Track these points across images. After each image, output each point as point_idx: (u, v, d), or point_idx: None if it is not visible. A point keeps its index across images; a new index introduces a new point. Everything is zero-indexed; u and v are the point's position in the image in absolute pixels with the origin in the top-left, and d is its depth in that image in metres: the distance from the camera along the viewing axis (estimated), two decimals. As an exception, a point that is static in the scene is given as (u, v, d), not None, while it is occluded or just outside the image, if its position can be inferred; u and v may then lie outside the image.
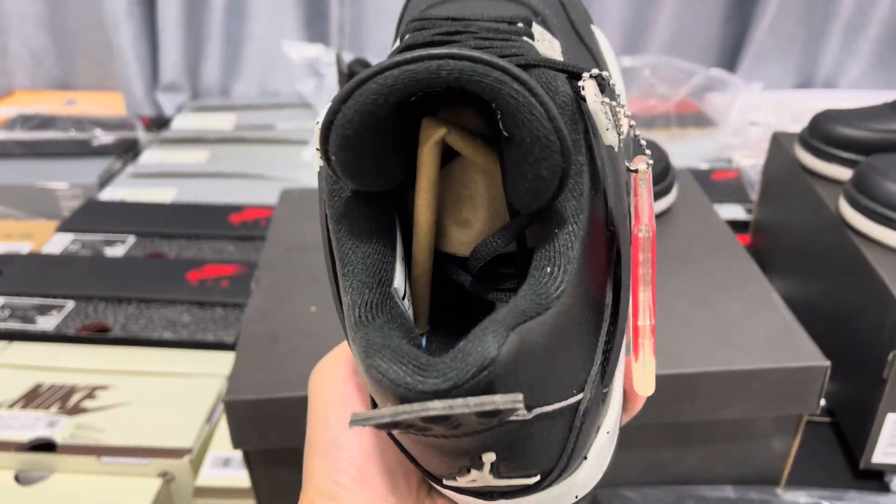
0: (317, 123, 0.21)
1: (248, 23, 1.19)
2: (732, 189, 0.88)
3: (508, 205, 0.25)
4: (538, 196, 0.21)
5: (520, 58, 0.24)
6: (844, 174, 0.61)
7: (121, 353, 0.63)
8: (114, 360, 0.62)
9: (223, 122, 1.12)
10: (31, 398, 0.58)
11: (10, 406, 0.57)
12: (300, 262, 0.55)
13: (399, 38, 0.28)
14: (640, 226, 0.24)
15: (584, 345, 0.21)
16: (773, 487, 0.50)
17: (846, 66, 1.15)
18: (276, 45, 1.14)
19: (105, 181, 0.94)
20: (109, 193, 0.91)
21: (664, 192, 0.57)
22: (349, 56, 1.05)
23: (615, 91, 0.26)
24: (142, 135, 1.06)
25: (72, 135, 1.05)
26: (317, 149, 0.21)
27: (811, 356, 0.45)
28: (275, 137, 1.06)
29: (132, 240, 0.79)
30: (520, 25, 0.26)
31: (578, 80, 0.23)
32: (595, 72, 0.23)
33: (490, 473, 0.21)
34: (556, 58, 0.25)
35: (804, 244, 0.64)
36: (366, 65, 0.53)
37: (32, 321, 0.66)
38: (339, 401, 0.27)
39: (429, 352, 0.24)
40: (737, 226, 0.82)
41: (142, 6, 1.15)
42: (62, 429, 0.55)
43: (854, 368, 0.53)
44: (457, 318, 0.26)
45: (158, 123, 1.14)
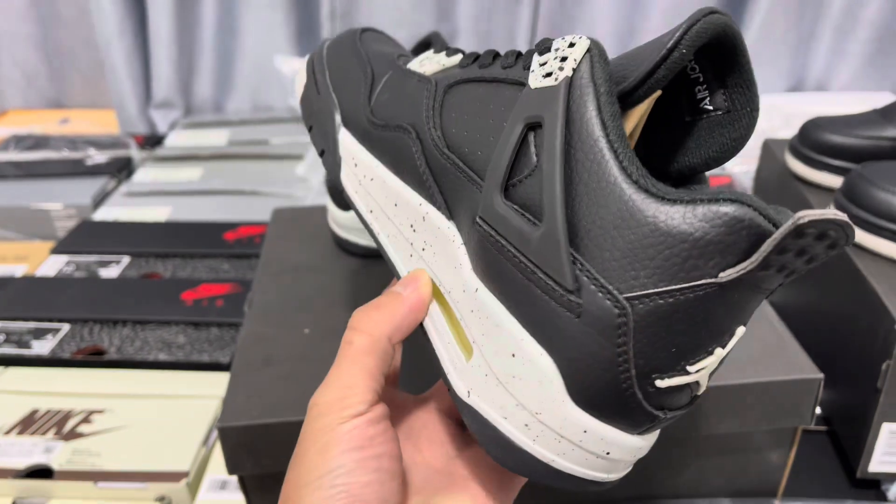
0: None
1: (240, 38, 1.19)
2: (726, 195, 0.88)
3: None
4: (731, 153, 0.29)
5: None
6: (835, 181, 0.61)
7: (116, 376, 0.63)
8: (110, 384, 0.62)
9: (216, 138, 1.12)
10: (28, 424, 0.58)
11: (7, 432, 0.57)
12: (293, 284, 0.55)
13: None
14: None
15: None
16: (771, 499, 0.50)
17: (837, 69, 1.15)
18: (268, 60, 1.14)
19: (99, 201, 0.95)
20: (104, 213, 0.91)
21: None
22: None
23: None
24: (135, 153, 1.07)
25: (65, 155, 1.05)
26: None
27: (804, 369, 0.45)
28: (269, 153, 1.06)
29: (126, 260, 0.79)
30: None
31: None
32: None
33: (720, 362, 0.26)
34: None
35: (797, 252, 0.64)
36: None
37: (28, 346, 0.66)
38: (344, 437, 0.27)
39: None
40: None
41: (133, 24, 1.15)
42: (59, 455, 0.55)
43: (849, 378, 0.53)
44: None
45: (152, 141, 1.14)
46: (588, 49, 0.27)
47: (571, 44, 0.27)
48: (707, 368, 0.26)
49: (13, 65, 1.24)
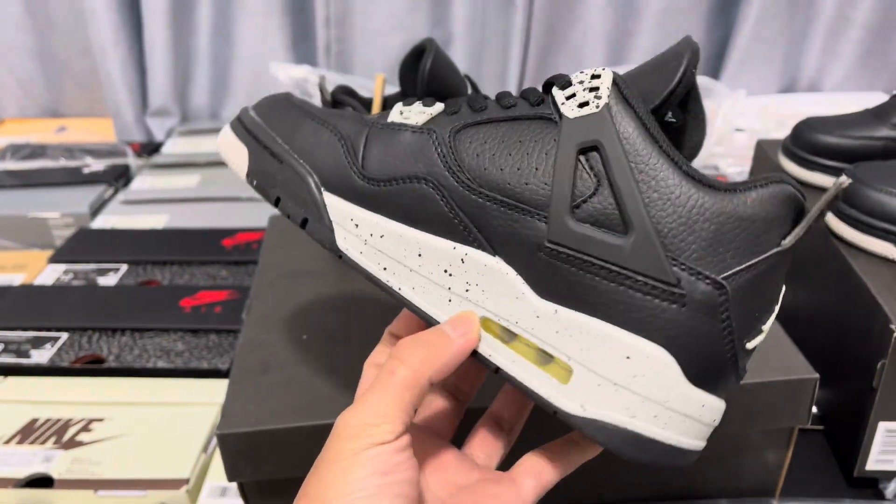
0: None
1: (235, 46, 1.20)
2: (721, 197, 0.88)
3: None
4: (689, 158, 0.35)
5: None
6: (827, 181, 0.62)
7: (116, 384, 0.63)
8: (109, 392, 0.63)
9: (213, 146, 1.12)
10: (27, 433, 0.58)
11: (7, 442, 0.58)
12: (290, 290, 0.56)
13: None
14: None
15: None
16: (769, 499, 0.51)
17: (829, 69, 1.16)
18: (264, 67, 1.15)
19: (97, 209, 0.95)
20: (101, 221, 0.91)
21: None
22: (333, 81, 1.05)
23: None
24: (132, 161, 1.07)
25: (62, 163, 1.05)
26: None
27: (800, 369, 0.45)
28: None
29: (124, 268, 0.80)
30: None
31: None
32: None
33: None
34: None
35: (791, 253, 0.65)
36: (349, 92, 0.53)
37: (27, 355, 0.66)
38: (369, 462, 0.28)
39: None
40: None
41: (128, 32, 1.16)
42: (58, 463, 0.55)
43: (844, 377, 0.53)
44: None
45: (149, 149, 1.15)
46: (614, 78, 0.31)
47: (594, 76, 0.31)
48: (770, 324, 0.32)
49: (9, 73, 1.24)
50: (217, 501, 0.54)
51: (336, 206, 0.34)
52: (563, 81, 0.32)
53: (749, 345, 0.31)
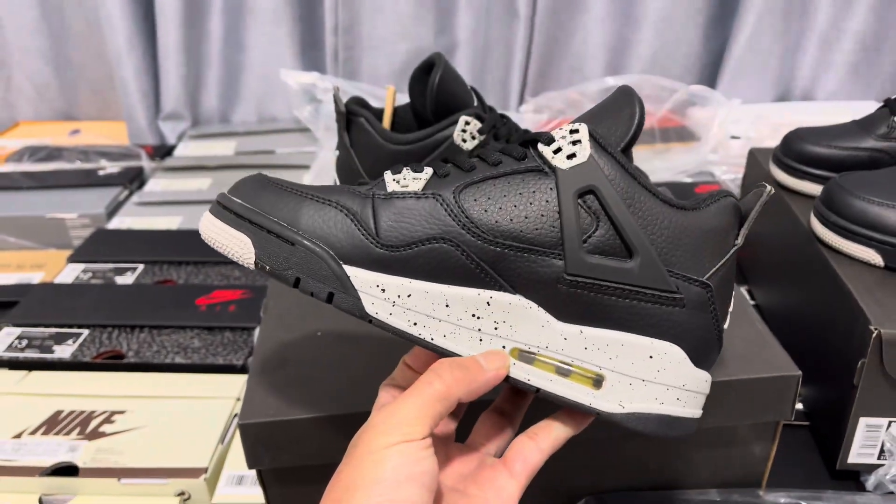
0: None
1: (246, 52, 1.23)
2: (715, 202, 0.91)
3: None
4: None
5: None
6: (815, 189, 0.64)
7: (135, 379, 0.66)
8: (129, 386, 0.65)
9: (224, 149, 1.15)
10: (52, 425, 0.61)
11: (32, 432, 0.60)
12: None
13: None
14: None
15: None
16: (755, 489, 0.53)
17: (822, 79, 1.19)
18: (273, 73, 1.18)
19: (112, 210, 0.98)
20: (117, 222, 0.94)
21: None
22: (343, 86, 1.08)
23: None
24: (146, 163, 1.10)
25: (78, 165, 1.08)
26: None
27: (784, 367, 0.48)
28: (275, 163, 1.09)
29: (141, 267, 0.83)
30: None
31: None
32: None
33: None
34: None
35: (780, 257, 0.67)
36: (362, 104, 0.56)
37: (50, 350, 0.69)
38: (400, 455, 0.32)
39: None
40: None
41: (142, 39, 1.19)
42: (83, 453, 0.58)
43: (827, 375, 0.56)
44: None
45: (161, 151, 1.17)
46: (589, 131, 0.37)
47: (573, 130, 0.37)
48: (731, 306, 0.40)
49: (25, 78, 1.27)
50: (234, 489, 0.56)
51: (359, 276, 0.35)
52: (547, 138, 0.37)
53: (724, 326, 0.39)
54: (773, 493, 0.53)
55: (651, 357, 0.36)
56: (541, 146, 0.37)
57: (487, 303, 0.36)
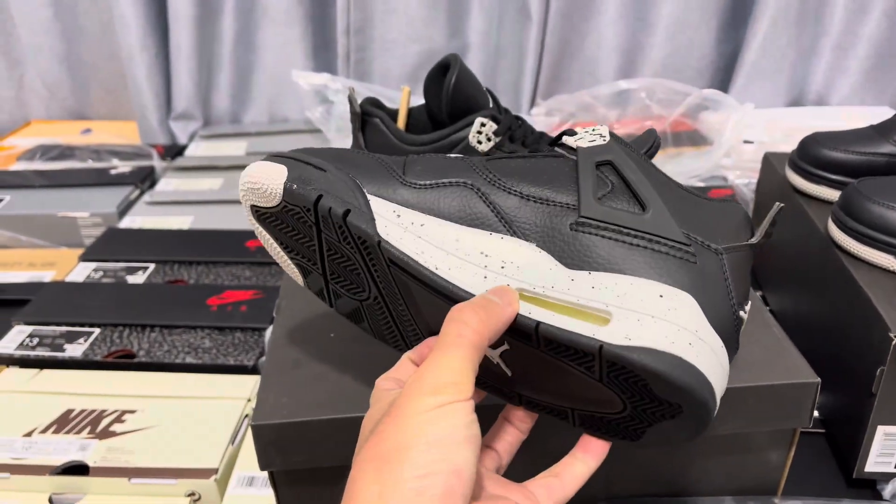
0: None
1: (258, 53, 1.23)
2: (729, 207, 0.90)
3: None
4: None
5: None
6: (832, 195, 0.64)
7: (147, 378, 0.66)
8: (140, 385, 0.65)
9: (235, 149, 1.15)
10: (63, 423, 0.61)
11: (43, 431, 0.60)
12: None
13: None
14: None
15: None
16: (771, 497, 0.53)
17: (836, 84, 1.18)
18: (285, 74, 1.18)
19: (124, 209, 0.98)
20: (128, 221, 0.94)
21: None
22: (357, 90, 1.08)
23: None
24: (157, 163, 1.10)
25: (90, 164, 1.09)
26: None
27: (802, 373, 0.47)
28: (285, 163, 1.09)
29: (152, 267, 0.83)
30: None
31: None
32: None
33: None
34: None
35: (796, 262, 0.67)
36: (377, 104, 0.56)
37: (61, 349, 0.69)
38: (457, 414, 0.30)
39: None
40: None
41: (155, 38, 1.19)
42: (93, 452, 0.58)
43: (845, 383, 0.55)
44: None
45: (172, 151, 1.18)
46: (609, 129, 0.41)
47: (594, 130, 0.41)
48: (748, 310, 0.40)
49: (37, 76, 1.28)
50: (245, 490, 0.56)
51: (379, 202, 0.38)
52: (571, 132, 0.41)
53: (742, 314, 0.38)
54: (789, 502, 0.52)
55: (661, 296, 0.35)
56: (566, 137, 0.41)
57: (498, 244, 0.37)
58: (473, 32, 1.21)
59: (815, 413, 0.48)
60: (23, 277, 0.86)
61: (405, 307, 0.39)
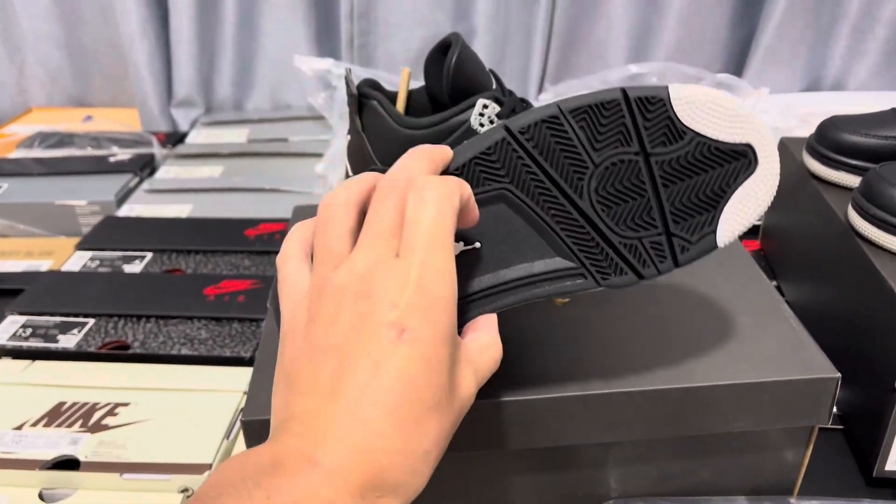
0: None
1: (260, 38, 1.21)
2: (743, 195, 0.88)
3: None
4: None
5: None
6: (852, 181, 0.61)
7: (141, 370, 0.65)
8: (134, 377, 0.64)
9: (237, 136, 1.14)
10: (54, 416, 0.59)
11: (34, 424, 0.59)
12: (314, 280, 0.56)
13: None
14: None
15: None
16: (787, 497, 0.50)
17: (854, 68, 1.15)
18: (287, 60, 1.16)
19: (122, 197, 0.96)
20: (127, 210, 0.93)
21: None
22: (358, 73, 1.06)
23: None
24: (157, 151, 1.08)
25: (89, 152, 1.07)
26: None
27: (821, 368, 0.45)
28: (288, 150, 1.07)
29: (149, 256, 0.81)
30: None
31: None
32: None
33: None
34: None
35: (813, 251, 0.64)
36: (375, 85, 0.54)
37: (54, 340, 0.68)
38: None
39: None
40: (747, 231, 0.82)
41: (155, 24, 1.17)
42: (85, 446, 0.56)
43: (865, 377, 0.53)
44: None
45: (173, 139, 1.16)
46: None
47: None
48: None
49: (37, 63, 1.26)
50: (239, 487, 0.54)
51: None
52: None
53: None
54: (806, 502, 0.50)
55: None
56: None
57: None
58: (480, 16, 1.18)
59: (834, 409, 0.46)
60: (20, 267, 0.84)
61: None
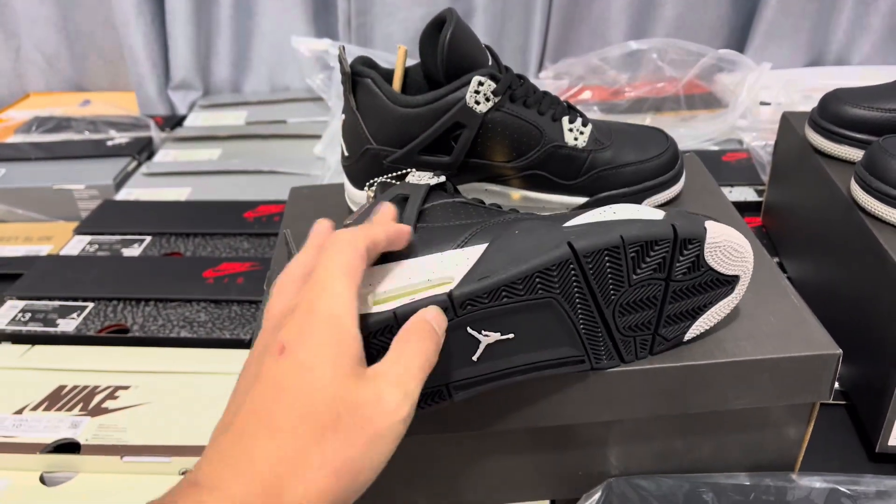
0: None
1: (257, 19, 1.20)
2: (743, 170, 0.87)
3: None
4: None
5: None
6: (855, 155, 0.60)
7: (140, 353, 0.64)
8: (134, 360, 0.64)
9: (235, 119, 1.13)
10: (55, 400, 0.59)
11: (34, 408, 0.59)
12: (312, 261, 0.56)
13: None
14: None
15: None
16: (788, 473, 0.50)
17: (857, 43, 1.13)
18: (285, 41, 1.15)
19: (121, 181, 0.96)
20: (125, 194, 0.92)
21: (673, 181, 0.57)
22: (353, 53, 1.05)
23: None
24: (155, 134, 1.08)
25: (87, 136, 1.06)
26: None
27: (822, 344, 0.44)
28: (287, 132, 1.06)
29: (148, 239, 0.81)
30: None
31: None
32: None
33: None
34: None
35: (815, 226, 0.64)
36: (369, 63, 0.53)
37: (53, 324, 0.68)
38: None
39: None
40: (748, 207, 0.82)
41: (151, 5, 1.16)
42: (85, 429, 0.57)
43: (868, 352, 0.52)
44: None
45: (171, 122, 1.15)
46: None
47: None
48: None
49: (34, 47, 1.25)
50: (239, 468, 0.54)
51: None
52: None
53: None
54: (808, 478, 0.49)
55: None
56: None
57: None
58: (479, -6, 1.16)
59: (836, 385, 0.46)
60: (19, 251, 0.84)
61: None
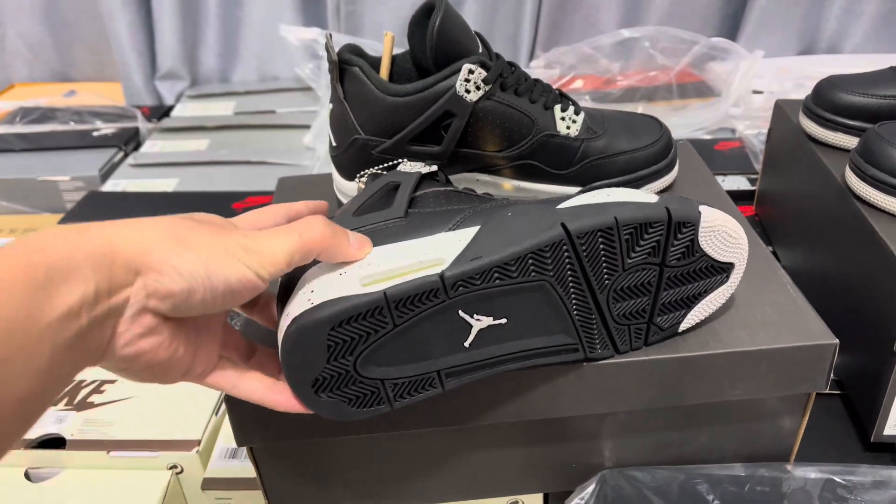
0: None
1: (245, 8, 1.18)
2: (736, 159, 0.87)
3: None
4: None
5: None
6: (849, 142, 0.60)
7: (127, 347, 0.63)
8: (120, 354, 0.63)
9: (223, 109, 1.12)
10: (40, 395, 0.59)
11: (19, 403, 0.58)
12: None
13: None
14: None
15: None
16: (783, 464, 0.50)
17: (850, 30, 1.13)
18: (274, 30, 1.13)
19: (107, 172, 0.94)
20: (111, 185, 0.91)
21: (667, 170, 0.56)
22: (342, 41, 1.04)
23: None
24: (142, 125, 1.06)
25: (72, 127, 1.05)
26: None
27: (819, 335, 0.44)
28: (275, 122, 1.05)
29: (135, 232, 0.79)
30: None
31: None
32: None
33: None
34: None
35: (810, 214, 0.63)
36: (357, 51, 0.52)
37: (38, 318, 0.66)
38: None
39: None
40: (741, 196, 0.81)
41: (136, -7, 1.14)
42: (71, 424, 0.56)
43: (864, 341, 0.52)
44: None
45: (159, 112, 1.14)
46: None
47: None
48: None
49: (18, 37, 1.24)
50: (228, 463, 0.54)
51: None
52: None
53: None
54: (803, 468, 0.49)
55: None
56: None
57: None
58: (471, -17, 1.15)
59: (832, 374, 0.45)
60: (2, 244, 0.82)
61: None
